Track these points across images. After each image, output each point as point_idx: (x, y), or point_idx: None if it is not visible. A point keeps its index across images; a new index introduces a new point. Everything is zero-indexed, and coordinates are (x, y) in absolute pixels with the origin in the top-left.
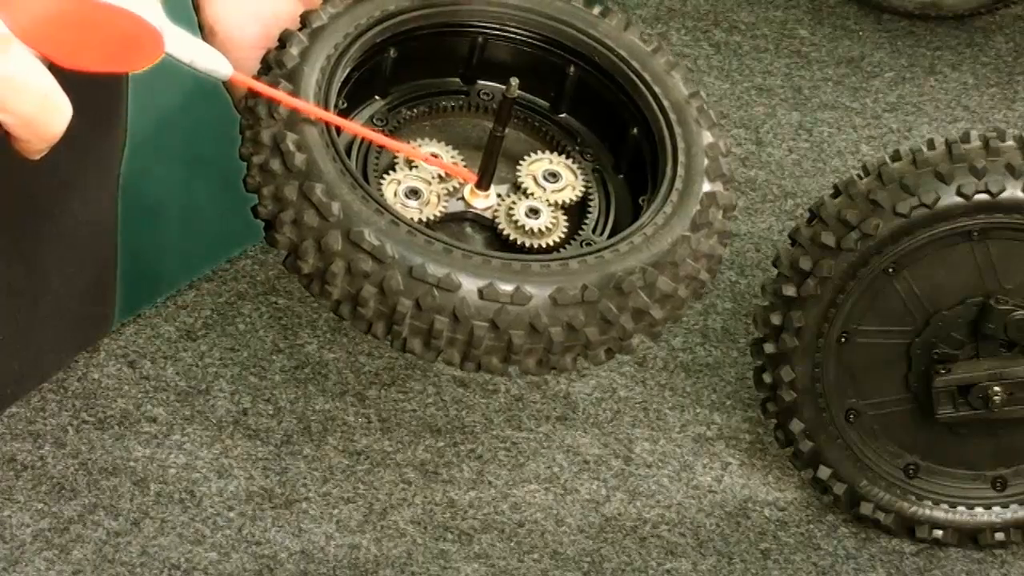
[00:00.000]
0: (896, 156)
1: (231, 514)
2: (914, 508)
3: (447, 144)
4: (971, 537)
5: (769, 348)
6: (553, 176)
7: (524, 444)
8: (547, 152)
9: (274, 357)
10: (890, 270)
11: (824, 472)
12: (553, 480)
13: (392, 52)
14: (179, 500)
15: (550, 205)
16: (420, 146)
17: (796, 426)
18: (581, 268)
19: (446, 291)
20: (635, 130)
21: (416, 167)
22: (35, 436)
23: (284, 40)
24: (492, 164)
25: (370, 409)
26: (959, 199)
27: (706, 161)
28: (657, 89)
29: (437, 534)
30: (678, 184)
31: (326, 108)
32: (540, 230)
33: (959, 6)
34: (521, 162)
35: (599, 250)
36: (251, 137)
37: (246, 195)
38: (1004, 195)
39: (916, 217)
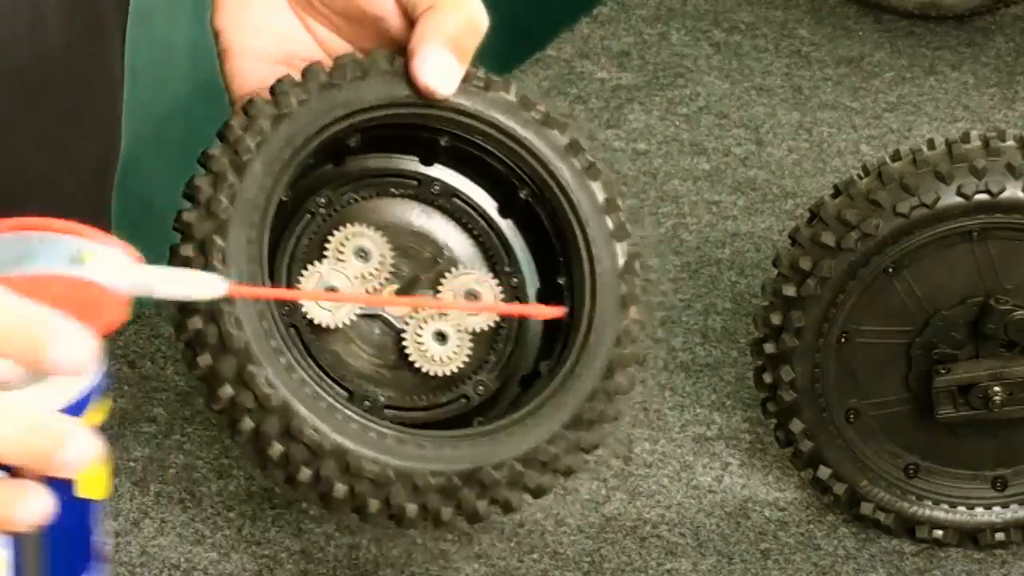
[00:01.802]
0: (896, 156)
1: (231, 514)
2: (914, 508)
3: (383, 233)
4: (971, 537)
5: (769, 348)
6: (473, 297)
7: None
8: (476, 267)
9: None
10: (890, 270)
11: (824, 472)
12: None
13: (354, 140)
14: (179, 500)
15: (460, 331)
16: (353, 235)
17: (796, 426)
18: (456, 455)
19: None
20: (562, 280)
21: (343, 261)
22: None
23: (248, 114)
24: (417, 284)
25: None
26: (959, 199)
27: (613, 351)
28: (595, 251)
29: (437, 534)
30: (576, 371)
31: (267, 208)
32: (442, 359)
33: (959, 6)
34: (448, 274)
35: (478, 435)
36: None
37: None
38: (1004, 195)
39: (916, 217)
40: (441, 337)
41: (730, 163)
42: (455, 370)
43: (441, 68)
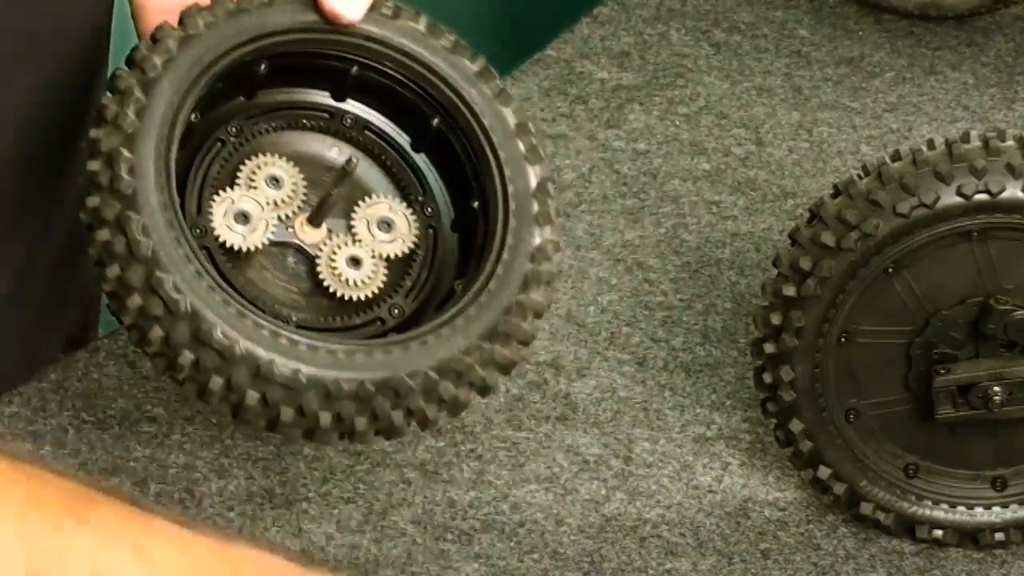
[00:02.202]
0: (896, 156)
1: (231, 514)
2: (914, 508)
3: (295, 164)
4: (971, 537)
5: (769, 348)
6: (387, 225)
7: (524, 444)
8: (389, 197)
9: None
10: (890, 270)
11: (824, 472)
12: (553, 480)
13: (263, 67)
14: (179, 500)
15: (374, 257)
16: (265, 164)
17: (796, 426)
18: (370, 362)
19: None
20: (476, 203)
21: (255, 188)
22: (35, 436)
23: (156, 38)
24: (328, 205)
25: None
26: (959, 199)
27: (528, 266)
28: (508, 172)
29: (437, 534)
30: (491, 285)
31: (174, 124)
32: (356, 282)
33: (959, 6)
34: (360, 203)
35: (391, 343)
36: (92, 211)
37: None
38: (1004, 195)
39: (916, 217)
40: (355, 262)
41: (730, 163)
42: (371, 294)
43: None
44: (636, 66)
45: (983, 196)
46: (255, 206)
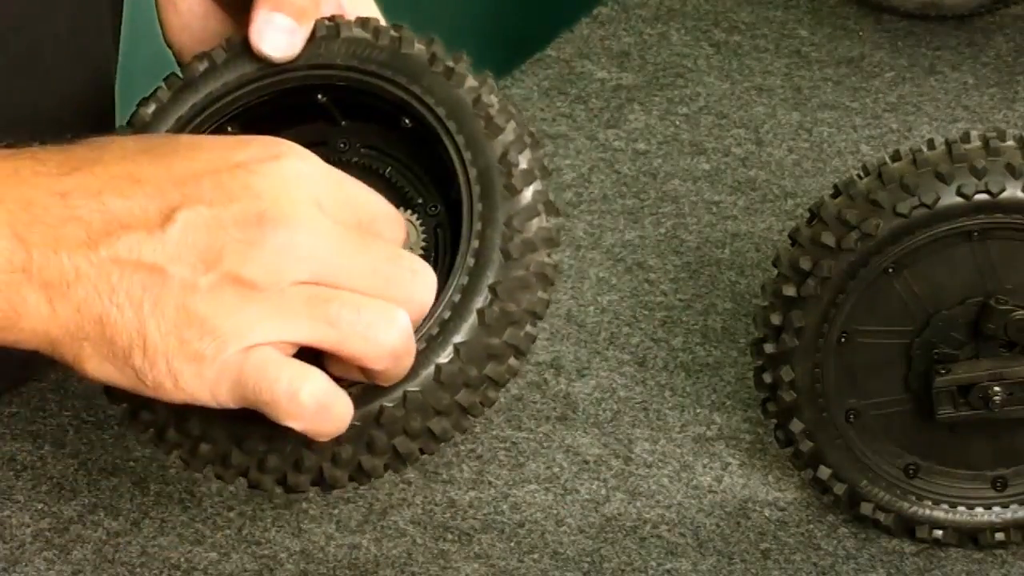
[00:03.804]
0: (896, 156)
1: (231, 514)
2: (914, 508)
3: None
4: (971, 537)
5: (769, 348)
6: None
7: (524, 444)
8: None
9: None
10: (890, 270)
11: (824, 472)
12: (553, 480)
13: (231, 128)
14: (179, 500)
15: None
16: None
17: (796, 426)
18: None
19: None
20: (452, 193)
21: None
22: (35, 436)
23: (143, 100)
24: None
25: None
26: (959, 199)
27: (502, 242)
28: (467, 155)
29: (437, 534)
30: (462, 280)
31: None
32: None
33: (959, 6)
34: None
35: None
36: None
37: None
38: (1004, 195)
39: (916, 217)
40: None
41: (730, 163)
42: None
43: (272, 32)
44: (636, 66)
45: (983, 196)
46: None
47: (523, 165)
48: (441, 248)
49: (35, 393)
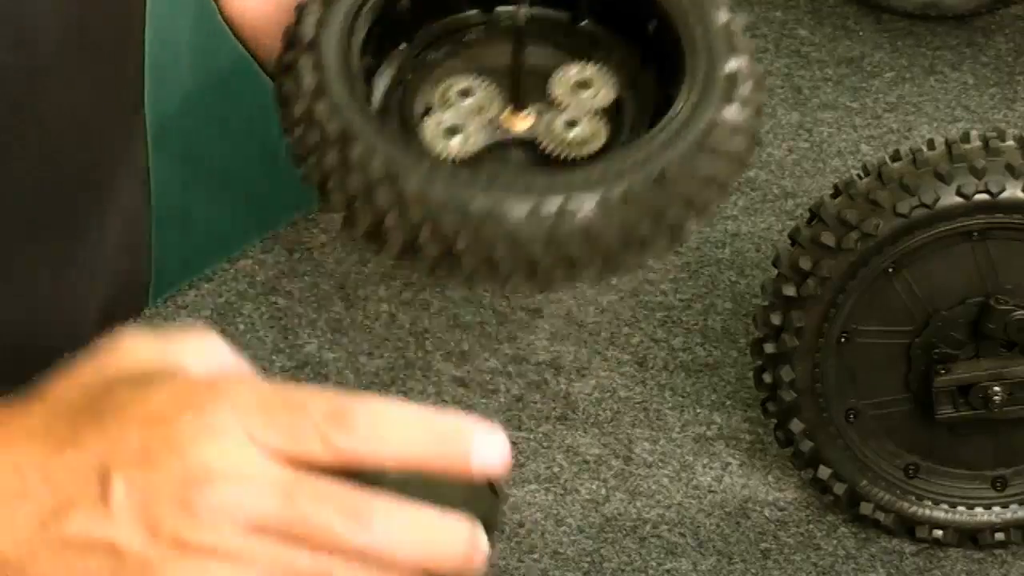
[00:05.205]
0: (896, 156)
1: None
2: (914, 508)
3: (478, 76)
4: (971, 537)
5: (769, 348)
6: (584, 84)
7: (524, 444)
8: (574, 63)
9: (274, 357)
10: (890, 270)
11: (824, 472)
12: (553, 480)
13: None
14: None
15: (586, 113)
16: (451, 84)
17: (796, 426)
18: (621, 169)
19: (497, 220)
20: (653, 24)
21: (451, 105)
22: None
23: (299, 13)
24: (518, 84)
25: None
26: (959, 199)
27: (724, 40)
28: (691, 16)
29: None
30: (702, 66)
31: (349, 71)
32: (582, 140)
33: (959, 6)
34: (550, 78)
35: (633, 148)
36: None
37: (246, 194)
38: (1004, 195)
39: (916, 217)
40: (572, 124)
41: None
42: (599, 148)
43: None
44: None
45: (983, 196)
46: (459, 118)
47: (744, 39)
48: (633, 88)
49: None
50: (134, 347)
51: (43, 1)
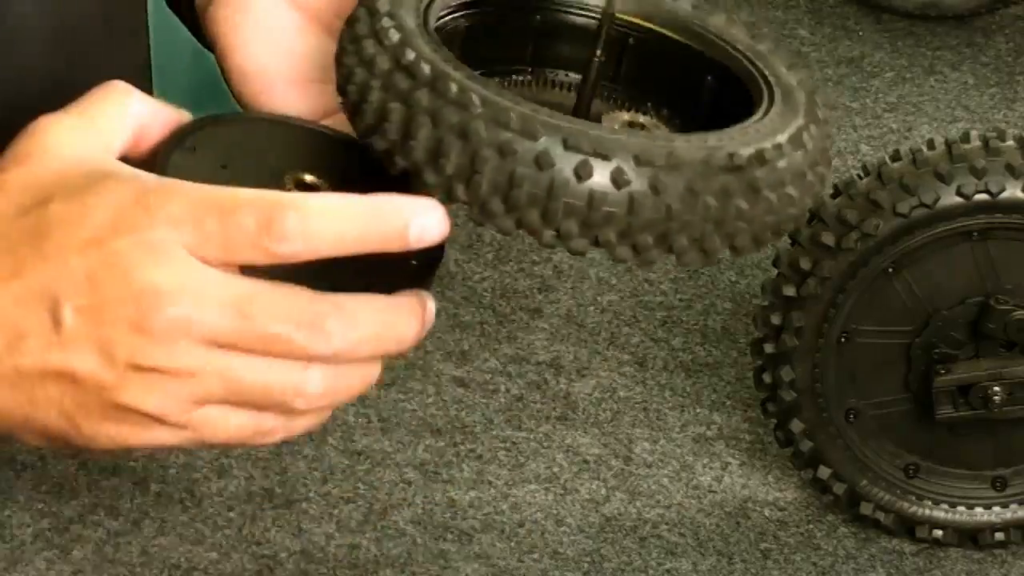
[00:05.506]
0: (896, 156)
1: (231, 514)
2: (914, 508)
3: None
4: (971, 537)
5: (769, 348)
6: (635, 126)
7: (524, 444)
8: (624, 111)
9: None
10: (890, 270)
11: (824, 472)
12: (553, 480)
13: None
14: (179, 500)
15: (646, 116)
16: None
17: (796, 426)
18: (721, 141)
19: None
20: (710, 77)
21: None
22: None
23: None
24: (591, 92)
25: (370, 409)
26: (959, 199)
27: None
28: (725, 37)
29: (437, 534)
30: (779, 89)
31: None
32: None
33: (959, 6)
34: (601, 120)
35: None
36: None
37: None
38: (1004, 195)
39: (916, 217)
40: (638, 126)
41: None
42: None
43: None
44: None
45: (983, 196)
46: None
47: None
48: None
49: None
50: (58, 141)
51: (28, 3)
